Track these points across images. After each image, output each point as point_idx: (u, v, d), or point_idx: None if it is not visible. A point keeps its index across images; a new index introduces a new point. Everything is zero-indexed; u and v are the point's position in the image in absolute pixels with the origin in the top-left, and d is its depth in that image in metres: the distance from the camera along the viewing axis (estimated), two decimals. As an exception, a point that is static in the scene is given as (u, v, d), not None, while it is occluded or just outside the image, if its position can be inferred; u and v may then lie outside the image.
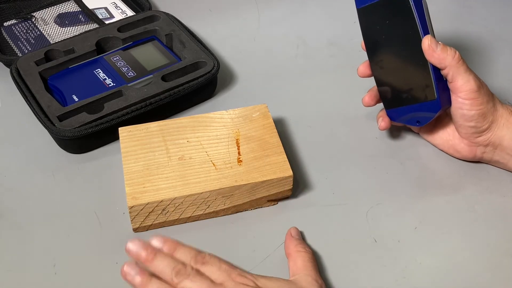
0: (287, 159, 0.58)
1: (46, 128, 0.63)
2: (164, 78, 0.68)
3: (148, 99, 0.66)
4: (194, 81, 0.68)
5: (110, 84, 0.68)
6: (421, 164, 0.64)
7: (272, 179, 0.57)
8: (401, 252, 0.56)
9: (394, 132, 0.68)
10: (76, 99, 0.66)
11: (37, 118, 0.64)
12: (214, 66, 0.70)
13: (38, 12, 0.82)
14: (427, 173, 0.63)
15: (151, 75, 0.69)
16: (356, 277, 0.54)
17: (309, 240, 0.57)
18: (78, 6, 0.83)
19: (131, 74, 0.69)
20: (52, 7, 0.83)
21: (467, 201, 0.61)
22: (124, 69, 0.70)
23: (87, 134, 0.63)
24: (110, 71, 0.69)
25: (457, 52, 0.57)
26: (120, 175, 0.59)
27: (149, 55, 0.72)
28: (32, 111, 0.65)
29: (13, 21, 0.81)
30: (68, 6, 0.83)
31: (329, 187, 0.62)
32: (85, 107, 0.65)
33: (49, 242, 0.57)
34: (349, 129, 0.69)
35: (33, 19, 0.81)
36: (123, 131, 0.61)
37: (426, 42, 0.57)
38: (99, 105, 0.65)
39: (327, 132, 0.68)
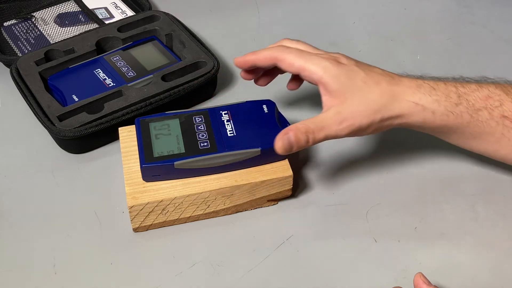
0: (287, 159, 0.58)
1: (46, 128, 0.63)
2: (164, 78, 0.68)
3: (148, 99, 0.66)
4: (194, 81, 0.68)
5: (110, 84, 0.68)
6: (421, 164, 0.64)
7: (272, 179, 0.57)
8: (401, 252, 0.56)
9: (394, 132, 0.68)
10: (76, 99, 0.66)
11: (37, 118, 0.64)
12: (214, 66, 0.70)
13: (38, 12, 0.82)
14: (427, 173, 0.63)
15: (151, 75, 0.69)
16: (356, 277, 0.54)
17: (310, 240, 0.57)
18: (78, 6, 0.83)
19: (131, 74, 0.69)
20: (52, 7, 0.83)
21: (467, 201, 0.61)
22: (124, 69, 0.70)
23: (87, 134, 0.63)
24: (110, 71, 0.69)
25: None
26: (120, 175, 0.58)
27: (149, 55, 0.72)
28: (32, 111, 0.65)
29: (13, 21, 0.81)
30: (68, 6, 0.83)
31: (329, 187, 0.62)
32: (85, 107, 0.65)
33: (49, 242, 0.56)
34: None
35: (33, 19, 0.81)
36: (123, 131, 0.61)
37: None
38: (99, 105, 0.65)
39: (327, 132, 0.68)
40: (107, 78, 0.69)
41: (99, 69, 0.70)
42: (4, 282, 0.53)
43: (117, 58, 0.71)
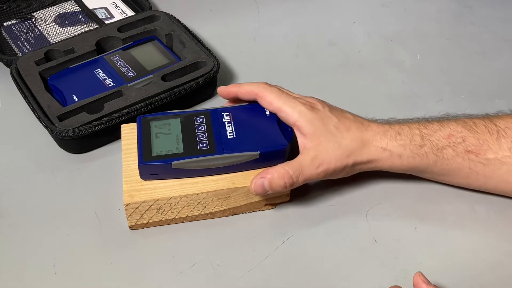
0: None
1: (46, 128, 0.63)
2: (164, 78, 0.68)
3: (148, 99, 0.66)
4: (194, 81, 0.68)
5: (110, 84, 0.68)
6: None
7: None
8: (401, 252, 0.56)
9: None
10: (76, 99, 0.66)
11: (37, 118, 0.64)
12: (214, 66, 0.70)
13: (38, 12, 0.82)
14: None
15: (151, 75, 0.69)
16: (356, 277, 0.54)
17: (309, 240, 0.57)
18: (78, 6, 0.83)
19: (131, 74, 0.69)
20: (52, 7, 0.83)
21: (467, 201, 0.61)
22: (124, 69, 0.70)
23: (87, 134, 0.63)
24: (110, 71, 0.69)
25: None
26: (120, 175, 0.58)
27: (149, 55, 0.72)
28: (32, 111, 0.65)
29: (13, 21, 0.81)
30: (68, 6, 0.83)
31: (329, 187, 0.62)
32: (85, 107, 0.65)
33: (49, 242, 0.56)
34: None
35: (33, 19, 0.81)
36: (125, 128, 0.61)
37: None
38: (99, 105, 0.65)
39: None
40: (107, 78, 0.69)
41: (99, 69, 0.70)
42: (4, 282, 0.53)
43: (117, 58, 0.71)
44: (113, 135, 0.65)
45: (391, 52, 0.81)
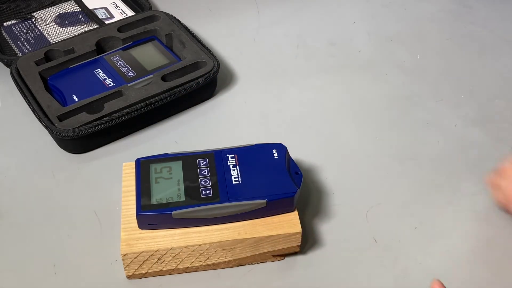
0: (296, 212, 0.54)
1: (46, 128, 0.63)
2: (164, 78, 0.68)
3: (148, 99, 0.66)
4: (194, 81, 0.68)
5: (110, 84, 0.68)
6: (421, 164, 0.64)
7: (279, 234, 0.53)
8: (401, 252, 0.56)
9: (394, 132, 0.68)
10: (76, 99, 0.66)
11: (37, 118, 0.64)
12: (214, 66, 0.70)
13: (38, 12, 0.82)
14: (427, 173, 0.63)
15: (151, 75, 0.69)
16: (356, 277, 0.54)
17: (309, 241, 0.57)
18: (78, 6, 0.83)
19: (131, 74, 0.69)
20: (52, 7, 0.83)
21: (467, 201, 0.61)
22: (124, 69, 0.70)
23: (87, 134, 0.63)
24: (110, 71, 0.69)
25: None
26: (120, 175, 0.58)
27: (149, 55, 0.72)
28: (32, 111, 0.65)
29: (13, 21, 0.81)
30: (68, 6, 0.83)
31: (329, 187, 0.62)
32: (85, 107, 0.65)
33: (49, 242, 0.56)
34: (349, 129, 0.69)
35: (33, 19, 0.81)
36: (127, 167, 0.57)
37: None
38: (99, 105, 0.65)
39: (327, 132, 0.68)
40: (107, 78, 0.69)
41: (99, 69, 0.70)
42: (4, 282, 0.53)
43: (117, 58, 0.71)
44: (113, 135, 0.65)
45: (391, 52, 0.81)
